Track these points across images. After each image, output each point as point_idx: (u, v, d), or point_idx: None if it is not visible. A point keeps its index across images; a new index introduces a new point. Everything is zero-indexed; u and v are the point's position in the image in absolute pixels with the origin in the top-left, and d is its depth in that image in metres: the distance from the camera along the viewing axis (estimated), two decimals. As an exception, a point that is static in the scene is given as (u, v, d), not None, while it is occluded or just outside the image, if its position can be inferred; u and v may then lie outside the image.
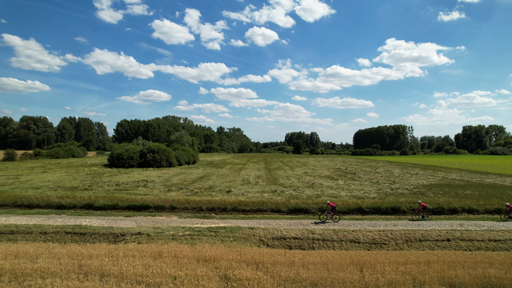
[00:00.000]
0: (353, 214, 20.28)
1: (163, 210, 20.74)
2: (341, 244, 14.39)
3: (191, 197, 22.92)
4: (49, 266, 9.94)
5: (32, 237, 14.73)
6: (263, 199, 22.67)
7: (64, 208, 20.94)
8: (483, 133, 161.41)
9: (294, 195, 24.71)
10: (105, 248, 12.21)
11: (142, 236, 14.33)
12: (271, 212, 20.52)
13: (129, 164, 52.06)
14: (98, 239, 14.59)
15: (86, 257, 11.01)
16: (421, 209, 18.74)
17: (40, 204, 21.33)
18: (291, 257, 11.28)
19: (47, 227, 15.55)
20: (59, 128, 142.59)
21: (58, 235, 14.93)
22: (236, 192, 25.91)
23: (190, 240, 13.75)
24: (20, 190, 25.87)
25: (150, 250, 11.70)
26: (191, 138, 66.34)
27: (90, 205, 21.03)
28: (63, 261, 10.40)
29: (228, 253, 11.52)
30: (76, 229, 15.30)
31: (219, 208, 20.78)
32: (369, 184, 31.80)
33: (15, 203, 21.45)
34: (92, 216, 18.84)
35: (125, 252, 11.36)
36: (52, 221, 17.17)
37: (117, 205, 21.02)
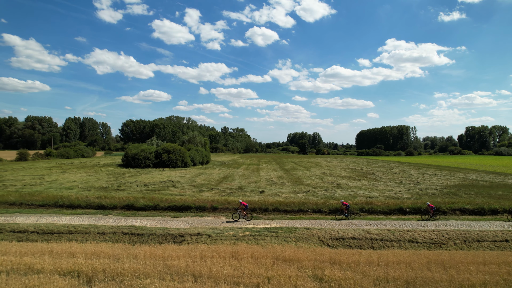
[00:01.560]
0: (394, 214, 20.42)
1: (205, 210, 20.81)
2: (399, 244, 14.50)
3: (229, 198, 22.98)
4: (138, 266, 10.00)
5: (91, 237, 14.78)
6: (301, 199, 22.77)
7: (105, 208, 20.99)
8: (486, 133, 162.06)
9: (328, 196, 24.82)
10: (175, 249, 12.29)
11: (203, 237, 14.40)
12: (313, 213, 20.63)
13: (144, 165, 52.06)
14: (157, 240, 14.65)
15: (165, 257, 11.08)
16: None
17: (81, 204, 21.38)
18: (368, 256, 11.39)
19: (103, 227, 15.60)
20: (64, 128, 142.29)
21: (116, 235, 14.98)
22: (270, 193, 26.00)
23: (254, 240, 13.83)
24: (55, 190, 25.88)
25: (224, 251, 11.78)
26: (203, 138, 66.34)
27: (130, 205, 21.08)
28: (149, 262, 10.47)
29: (303, 253, 11.61)
30: (133, 230, 15.36)
31: (261, 208, 20.86)
32: (394, 185, 31.94)
33: (56, 203, 21.49)
34: (139, 216, 18.89)
35: (202, 253, 11.43)
36: (103, 221, 17.22)
37: (158, 206, 21.08)
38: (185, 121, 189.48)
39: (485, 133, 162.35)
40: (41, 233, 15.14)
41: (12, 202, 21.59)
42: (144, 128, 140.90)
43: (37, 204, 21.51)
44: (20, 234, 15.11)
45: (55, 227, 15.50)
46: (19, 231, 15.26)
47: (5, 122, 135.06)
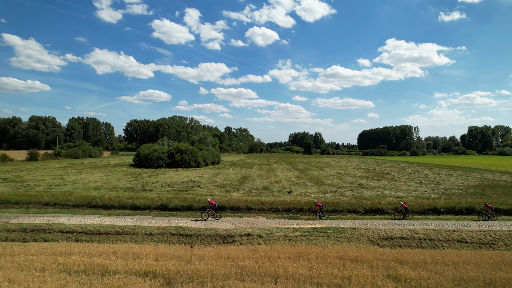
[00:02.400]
0: (428, 214, 20.48)
1: (240, 210, 20.81)
2: (449, 244, 14.53)
3: (261, 198, 22.98)
4: (211, 267, 10.01)
5: (140, 238, 14.76)
6: (333, 199, 22.79)
7: (139, 209, 20.96)
8: (489, 133, 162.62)
9: (357, 196, 24.86)
10: (236, 250, 12.29)
11: (254, 237, 14.41)
12: (348, 213, 20.66)
13: (158, 165, 51.98)
14: (206, 240, 14.64)
15: (231, 258, 11.09)
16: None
17: (114, 205, 21.35)
18: (432, 256, 11.43)
19: (150, 228, 15.58)
20: (68, 128, 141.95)
21: (164, 236, 14.96)
22: (298, 193, 26.03)
23: (308, 240, 13.84)
24: (82, 190, 25.83)
25: (287, 251, 11.80)
26: (213, 138, 66.28)
27: (164, 206, 21.05)
28: (220, 263, 10.47)
29: (366, 253, 11.64)
30: (180, 231, 15.34)
31: (295, 208, 20.88)
32: (416, 185, 32.00)
33: (90, 203, 21.45)
34: (177, 217, 18.90)
35: (266, 254, 11.44)
36: (145, 222, 17.20)
37: (192, 206, 21.07)
38: (188, 121, 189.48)
39: (487, 133, 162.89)
40: (89, 233, 15.11)
41: (46, 202, 21.54)
42: (148, 128, 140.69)
43: (70, 204, 21.47)
44: (69, 234, 15.07)
45: (102, 228, 15.47)
46: (67, 232, 15.23)
47: (9, 122, 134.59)
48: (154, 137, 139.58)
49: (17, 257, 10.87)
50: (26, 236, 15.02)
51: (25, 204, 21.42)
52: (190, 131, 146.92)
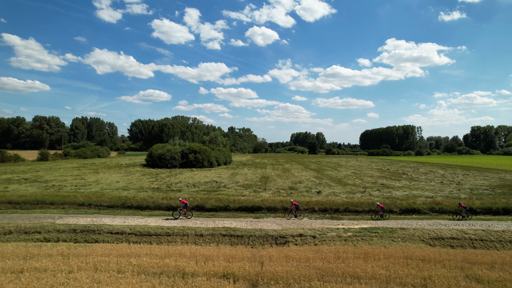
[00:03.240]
0: (465, 214, 20.51)
1: (276, 211, 20.79)
2: (502, 244, 14.54)
3: (296, 198, 22.96)
4: (291, 269, 9.99)
5: (191, 239, 14.71)
6: (365, 200, 22.81)
7: (175, 209, 20.84)
8: (492, 133, 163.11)
9: (387, 196, 24.88)
10: (300, 250, 12.28)
11: (307, 238, 14.39)
12: (400, 213, 20.63)
13: (171, 165, 51.91)
14: (258, 241, 14.60)
15: (302, 259, 11.06)
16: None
17: (149, 205, 21.28)
18: (502, 258, 11.43)
19: (199, 229, 15.53)
20: (72, 128, 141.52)
21: (215, 237, 14.92)
22: (327, 193, 26.02)
23: (363, 241, 13.83)
24: (111, 191, 25.76)
25: (352, 251, 11.79)
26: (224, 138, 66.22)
27: (200, 206, 20.99)
28: (294, 264, 10.45)
29: (432, 253, 11.65)
30: (230, 232, 15.30)
31: (331, 209, 20.87)
32: (438, 185, 32.03)
33: (124, 204, 21.38)
34: (218, 217, 18.88)
35: (336, 255, 11.42)
36: (191, 223, 17.17)
37: (229, 207, 21.03)
38: (191, 121, 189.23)
39: (490, 133, 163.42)
40: (139, 235, 15.05)
41: (81, 203, 21.46)
42: (152, 128, 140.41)
43: (105, 205, 21.39)
44: (118, 235, 15.01)
45: (151, 229, 15.42)
46: (116, 233, 15.16)
47: (13, 122, 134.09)
48: (159, 137, 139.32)
49: (88, 258, 10.81)
50: (77, 236, 14.96)
51: (60, 204, 21.34)
52: (194, 131, 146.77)
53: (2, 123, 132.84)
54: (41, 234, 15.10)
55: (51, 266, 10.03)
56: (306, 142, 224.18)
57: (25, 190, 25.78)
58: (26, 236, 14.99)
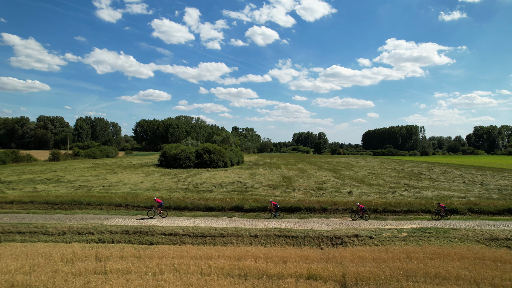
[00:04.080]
0: (504, 214, 20.56)
1: (315, 211, 20.78)
2: (557, 245, 14.57)
3: (333, 199, 23.00)
4: (376, 270, 9.97)
5: (246, 240, 14.67)
6: (402, 200, 22.81)
7: (213, 210, 20.88)
8: (495, 133, 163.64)
9: (419, 196, 24.91)
10: (366, 250, 12.27)
11: (363, 239, 14.38)
12: (422, 213, 20.70)
13: (186, 165, 51.81)
14: (314, 242, 14.57)
15: (374, 259, 11.05)
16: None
17: (187, 206, 21.25)
18: None
19: (253, 230, 15.49)
20: (76, 128, 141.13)
21: (270, 238, 14.89)
22: (357, 193, 26.04)
23: (420, 241, 13.84)
24: (143, 191, 25.69)
25: (419, 251, 11.79)
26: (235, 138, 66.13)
27: (239, 207, 21.00)
28: (372, 265, 10.43)
29: (502, 254, 11.65)
30: (284, 232, 15.27)
31: (370, 209, 20.86)
32: (462, 185, 32.08)
33: (170, 205, 21.32)
34: (262, 218, 18.85)
35: (407, 255, 11.41)
36: (240, 223, 17.16)
37: (267, 207, 20.99)
38: (194, 121, 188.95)
39: (494, 133, 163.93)
40: (193, 236, 15.01)
41: (118, 204, 21.39)
42: (157, 128, 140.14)
43: (142, 205, 21.33)
44: (172, 237, 14.97)
45: (205, 230, 15.37)
46: (169, 234, 15.12)
47: (17, 122, 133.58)
48: (164, 137, 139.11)
49: (163, 260, 10.77)
50: (130, 238, 14.90)
51: (97, 205, 21.26)
52: (199, 131, 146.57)
53: (7, 123, 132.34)
54: (95, 235, 15.06)
55: (133, 268, 9.99)
56: (309, 142, 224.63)
57: (56, 191, 25.68)
58: (80, 237, 14.94)
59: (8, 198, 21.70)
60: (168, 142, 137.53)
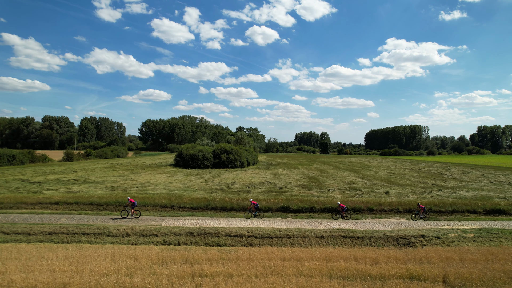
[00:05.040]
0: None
1: (362, 212, 20.76)
2: None
3: (374, 199, 23.05)
4: (471, 270, 9.94)
5: (314, 241, 14.64)
6: (445, 201, 22.82)
7: (261, 211, 20.81)
8: (499, 133, 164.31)
9: (456, 196, 24.97)
10: (445, 251, 12.24)
11: (430, 239, 14.34)
12: (468, 213, 20.72)
13: (204, 165, 51.71)
14: (380, 243, 14.53)
15: (461, 260, 11.03)
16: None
17: (234, 207, 21.19)
18: None
19: (318, 231, 15.46)
20: (81, 128, 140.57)
21: (336, 239, 14.86)
22: (394, 193, 26.06)
23: (491, 241, 13.86)
24: (181, 192, 25.58)
25: (507, 253, 11.77)
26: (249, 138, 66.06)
27: (286, 208, 20.96)
28: (468, 265, 10.41)
29: None
30: (349, 233, 15.24)
31: (415, 209, 20.86)
32: (492, 185, 32.15)
33: (208, 205, 21.29)
34: (315, 218, 18.85)
35: (494, 256, 11.41)
36: (298, 224, 17.10)
37: (314, 208, 20.99)
38: (197, 121, 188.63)
39: (498, 132, 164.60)
40: (259, 237, 14.95)
41: (164, 205, 21.31)
42: (163, 128, 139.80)
43: (188, 206, 21.24)
44: (238, 238, 14.90)
45: (270, 232, 15.32)
46: (235, 235, 15.05)
47: (22, 122, 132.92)
48: (170, 137, 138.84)
49: (253, 263, 10.70)
50: (196, 240, 14.83)
51: (143, 206, 21.13)
52: (204, 130, 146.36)
53: (12, 123, 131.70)
54: (159, 237, 14.97)
55: (232, 271, 9.93)
56: (311, 142, 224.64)
57: (93, 192, 25.54)
58: (145, 238, 14.86)
59: (53, 199, 21.57)
60: (174, 142, 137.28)
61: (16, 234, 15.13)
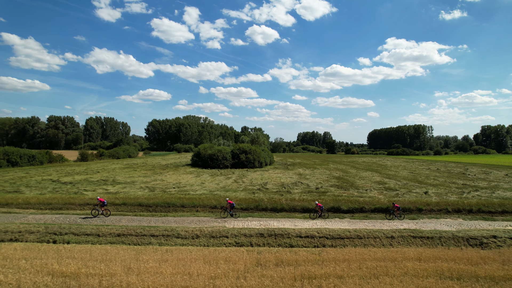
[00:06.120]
0: None
1: (412, 211, 20.79)
2: None
3: (420, 199, 23.04)
4: None
5: (386, 241, 14.60)
6: (488, 200, 22.88)
7: (310, 211, 20.77)
8: (503, 133, 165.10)
9: (498, 196, 25.00)
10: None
11: (505, 240, 14.38)
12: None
13: (223, 165, 51.62)
14: (450, 243, 14.53)
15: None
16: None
17: (284, 207, 21.18)
18: None
19: (387, 231, 15.44)
20: (87, 128, 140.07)
21: (406, 239, 14.84)
22: (433, 194, 26.10)
23: None
24: (223, 192, 25.50)
25: None
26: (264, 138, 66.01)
27: (336, 208, 20.95)
28: None
29: None
30: (418, 233, 15.23)
31: (464, 209, 20.92)
32: (522, 185, 32.29)
33: (258, 206, 21.29)
34: (371, 219, 18.86)
35: None
36: (360, 224, 17.09)
37: (364, 208, 20.99)
38: (201, 120, 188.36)
39: (502, 132, 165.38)
40: (330, 238, 14.92)
41: (213, 206, 21.24)
42: (170, 128, 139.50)
43: (238, 207, 21.16)
44: (309, 239, 14.86)
45: (340, 232, 15.30)
46: (306, 236, 15.00)
47: (28, 122, 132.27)
48: (176, 137, 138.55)
49: (354, 264, 10.67)
50: (268, 241, 14.77)
51: (192, 207, 21.08)
52: (210, 130, 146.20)
53: (18, 123, 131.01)
54: (229, 239, 14.92)
55: (339, 272, 9.88)
56: (314, 141, 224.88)
57: (133, 193, 25.42)
58: (216, 240, 14.80)
59: (100, 200, 21.42)
60: (180, 142, 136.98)
61: (86, 235, 15.03)
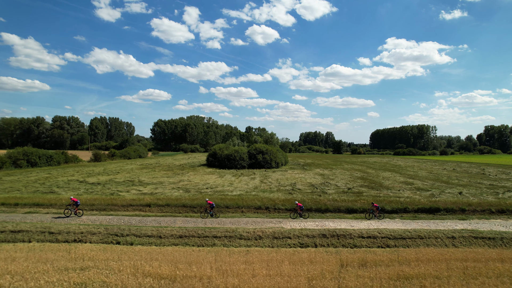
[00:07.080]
0: None
1: (455, 212, 20.86)
2: None
3: (458, 199, 23.17)
4: None
5: (447, 242, 14.65)
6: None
7: (355, 211, 20.80)
8: (507, 132, 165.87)
9: (534, 197, 25.17)
10: None
11: None
12: None
13: (240, 166, 51.62)
14: (510, 244, 14.64)
15: None
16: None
17: (328, 208, 21.17)
18: None
19: (447, 231, 15.49)
20: (92, 128, 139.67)
21: (467, 239, 14.87)
22: (467, 194, 26.21)
23: None
24: (261, 193, 25.50)
25: None
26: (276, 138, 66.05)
27: (381, 209, 20.97)
28: None
29: None
30: (477, 234, 15.28)
31: (508, 210, 21.00)
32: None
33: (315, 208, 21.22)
34: (420, 219, 18.90)
35: None
36: (414, 225, 17.11)
37: (407, 208, 21.02)
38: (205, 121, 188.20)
39: (505, 132, 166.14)
40: (392, 238, 14.95)
41: (258, 207, 21.20)
42: (175, 128, 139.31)
43: (282, 208, 21.15)
44: (371, 239, 14.88)
45: (401, 232, 15.34)
46: (368, 237, 15.03)
47: (33, 122, 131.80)
48: (182, 137, 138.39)
49: (441, 264, 10.70)
50: (332, 241, 14.78)
51: (238, 208, 21.05)
52: (216, 130, 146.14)
53: (23, 123, 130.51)
54: (293, 239, 14.93)
55: (432, 272, 9.91)
56: (316, 142, 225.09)
57: (168, 193, 25.39)
58: (279, 241, 14.81)
59: (144, 201, 21.41)
60: (186, 142, 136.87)
61: (147, 237, 15.00)
